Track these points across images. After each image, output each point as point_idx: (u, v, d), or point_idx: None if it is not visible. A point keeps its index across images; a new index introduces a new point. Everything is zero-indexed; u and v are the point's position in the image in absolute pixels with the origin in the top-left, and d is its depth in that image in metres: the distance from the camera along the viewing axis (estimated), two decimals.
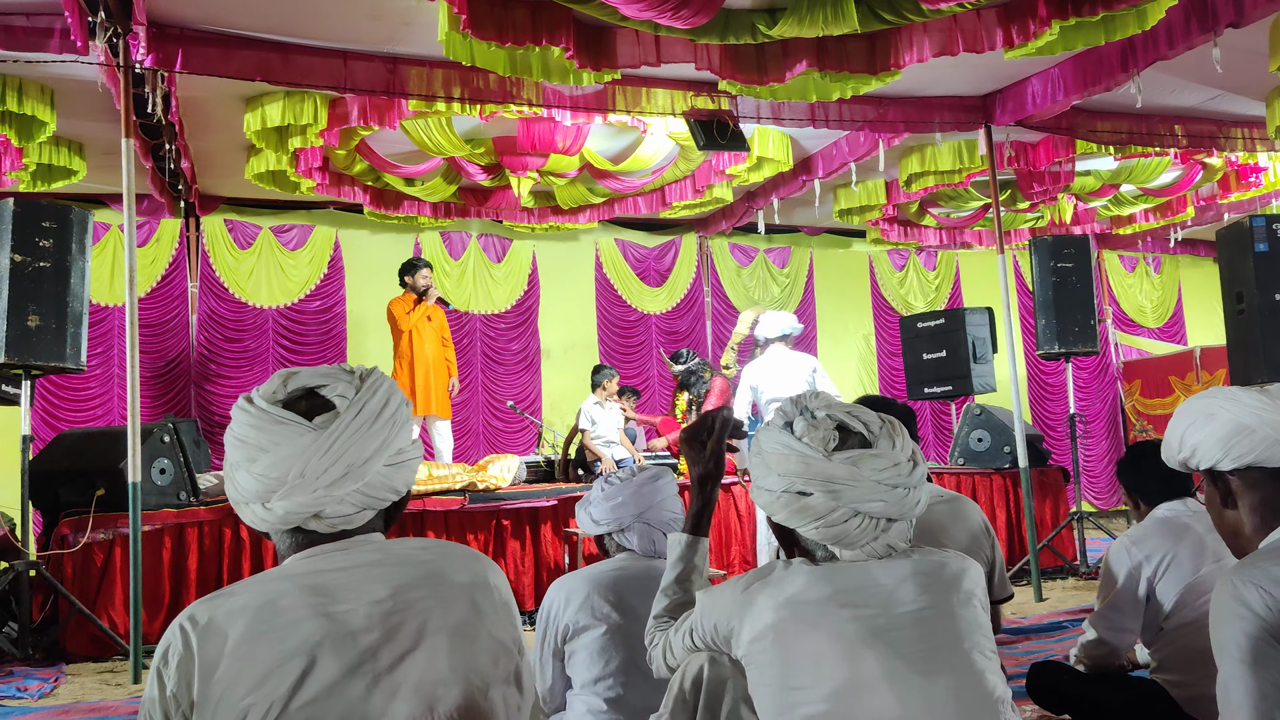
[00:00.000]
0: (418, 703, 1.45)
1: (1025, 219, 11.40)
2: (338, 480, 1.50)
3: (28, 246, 5.34)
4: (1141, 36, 6.05)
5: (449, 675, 1.48)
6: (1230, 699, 1.75)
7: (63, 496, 5.74)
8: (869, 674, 1.72)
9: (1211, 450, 1.96)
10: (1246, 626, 1.73)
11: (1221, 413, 1.94)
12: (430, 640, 1.49)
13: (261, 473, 1.50)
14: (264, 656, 1.41)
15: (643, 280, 11.60)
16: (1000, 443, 8.06)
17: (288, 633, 1.43)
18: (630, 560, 2.99)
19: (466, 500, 6.48)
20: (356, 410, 1.54)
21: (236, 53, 6.07)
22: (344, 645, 1.44)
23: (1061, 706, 3.47)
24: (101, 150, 7.74)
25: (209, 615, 1.44)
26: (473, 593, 1.57)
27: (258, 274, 10.01)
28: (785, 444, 1.88)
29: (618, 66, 6.04)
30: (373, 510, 1.58)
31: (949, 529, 3.44)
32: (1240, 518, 1.95)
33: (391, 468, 1.57)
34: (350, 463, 1.51)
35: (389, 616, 1.48)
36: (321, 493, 1.50)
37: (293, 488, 1.49)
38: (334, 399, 1.56)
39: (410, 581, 1.52)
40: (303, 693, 1.40)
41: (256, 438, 1.51)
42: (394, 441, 1.57)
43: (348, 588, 1.49)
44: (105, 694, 4.82)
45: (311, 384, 1.59)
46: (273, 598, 1.46)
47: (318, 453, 1.49)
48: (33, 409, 5.74)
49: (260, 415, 1.53)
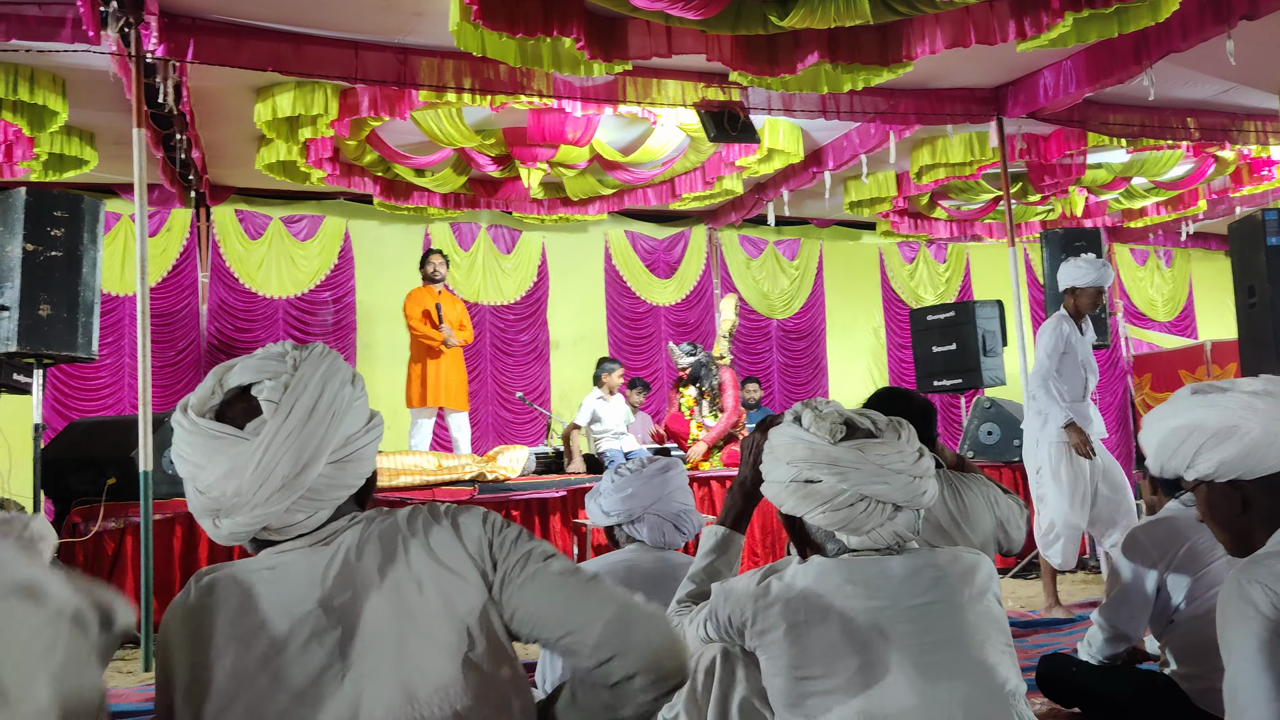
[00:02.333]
0: (394, 693, 1.38)
1: (1036, 212, 11.37)
2: (274, 494, 1.41)
3: (39, 236, 5.35)
4: (1155, 28, 6.02)
5: (425, 660, 1.40)
6: (1237, 699, 1.74)
7: (74, 485, 5.76)
8: (881, 666, 1.73)
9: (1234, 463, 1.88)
10: (1253, 626, 1.72)
11: (1243, 423, 1.89)
12: (396, 626, 1.40)
13: (203, 490, 1.43)
14: (233, 668, 1.38)
15: (652, 272, 11.59)
16: (1010, 436, 8.04)
17: (253, 640, 1.38)
18: (641, 551, 3.00)
19: (476, 491, 6.49)
20: (285, 414, 1.42)
21: (248, 43, 6.08)
22: (310, 645, 1.39)
23: (1071, 699, 3.47)
24: (112, 140, 7.76)
25: (177, 611, 1.42)
26: (421, 550, 1.46)
27: (268, 264, 10.02)
28: (793, 434, 1.91)
29: (629, 57, 6.03)
30: (328, 509, 1.48)
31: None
32: (1254, 523, 1.93)
33: (336, 465, 1.47)
34: (285, 475, 1.41)
35: (347, 611, 1.41)
36: (260, 510, 1.41)
37: (232, 507, 1.42)
38: (262, 403, 1.44)
39: (368, 569, 1.44)
40: (276, 699, 1.36)
41: (191, 454, 1.44)
42: (332, 438, 1.45)
43: (307, 578, 1.43)
44: (117, 681, 4.84)
45: (245, 381, 1.47)
46: (239, 599, 1.41)
47: (249, 467, 1.40)
48: (44, 398, 5.76)
49: (192, 429, 1.44)
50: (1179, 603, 3.09)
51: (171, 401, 8.96)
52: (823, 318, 12.29)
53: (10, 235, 5.34)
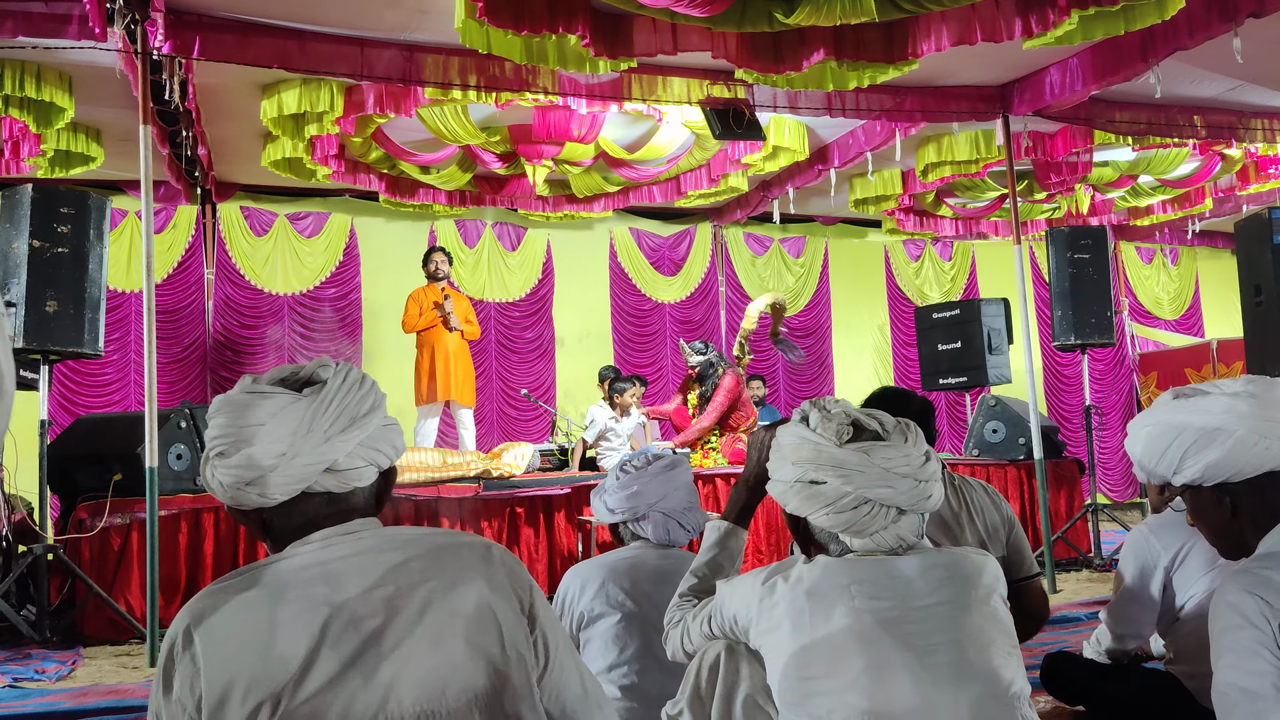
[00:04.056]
0: (427, 686, 1.43)
1: (1042, 210, 11.35)
2: (345, 430, 1.53)
3: (46, 232, 5.36)
4: (1161, 26, 6.00)
5: (457, 658, 1.46)
6: (1225, 705, 1.75)
7: (80, 481, 5.78)
8: (885, 666, 1.73)
9: (1220, 467, 1.88)
10: (1242, 635, 1.73)
11: (1227, 426, 1.87)
12: (434, 621, 1.47)
13: (266, 443, 1.50)
14: (268, 652, 1.39)
15: (657, 269, 11.59)
16: (1015, 434, 8.03)
17: (291, 625, 1.41)
18: (645, 549, 3.00)
19: (481, 488, 6.49)
20: (342, 377, 1.57)
21: (254, 40, 6.08)
22: (347, 633, 1.43)
23: (1075, 698, 3.47)
24: (119, 137, 7.77)
25: (209, 613, 1.43)
26: (476, 571, 1.55)
27: (273, 261, 10.04)
28: (800, 435, 1.90)
29: (634, 55, 6.03)
30: (376, 469, 1.60)
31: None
32: (1243, 525, 1.91)
33: (387, 428, 1.61)
34: (352, 415, 1.54)
35: (391, 601, 1.47)
36: (336, 440, 1.52)
37: (301, 444, 1.50)
38: (315, 374, 1.59)
39: (412, 564, 1.51)
40: (308, 684, 1.38)
41: (253, 415, 1.52)
42: (381, 406, 1.61)
43: (349, 574, 1.48)
44: (122, 677, 4.84)
45: (283, 374, 1.60)
46: (273, 588, 1.45)
47: (321, 409, 1.52)
48: (50, 394, 5.77)
49: (250, 396, 1.54)
50: (1184, 601, 3.09)
51: (176, 398, 9.00)
52: (828, 315, 12.29)
53: (17, 232, 5.35)
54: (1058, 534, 7.48)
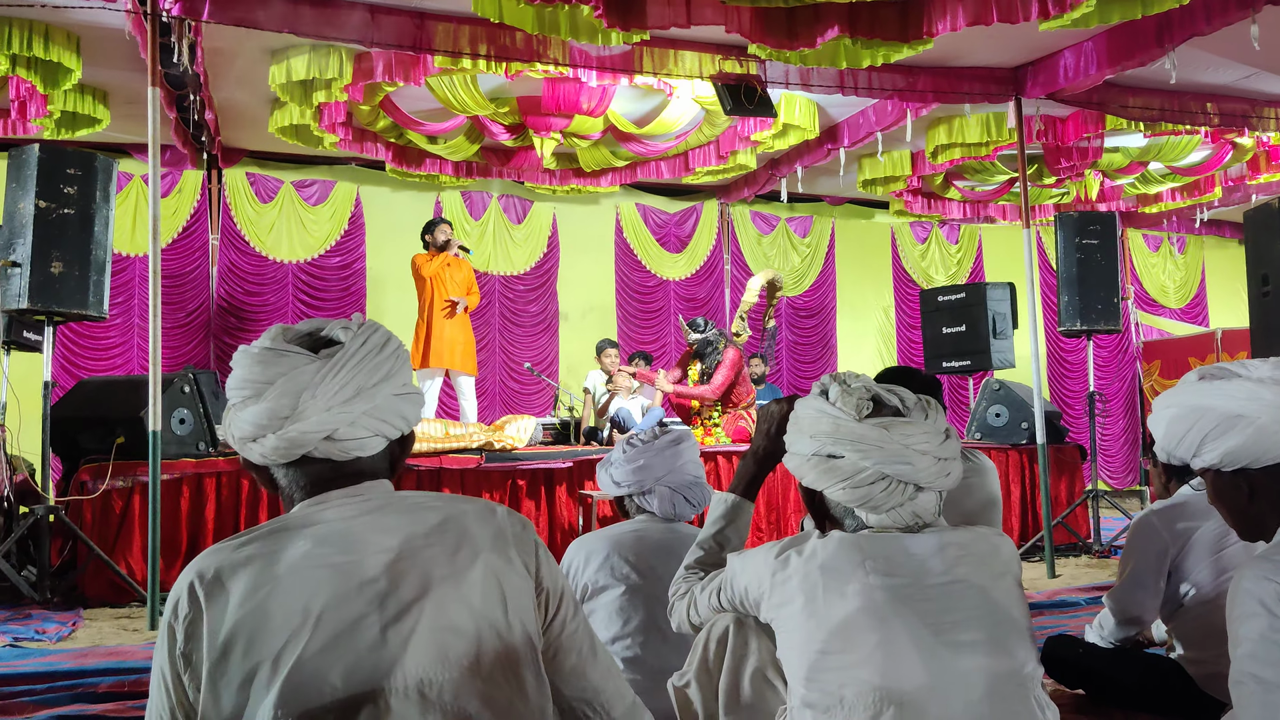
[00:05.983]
0: (429, 651, 1.42)
1: (1050, 194, 11.31)
2: (349, 400, 1.51)
3: (52, 193, 5.33)
4: (1178, 11, 5.95)
5: (460, 622, 1.46)
6: (1241, 693, 1.74)
7: (83, 443, 5.78)
8: (897, 642, 1.72)
9: (1241, 452, 1.85)
10: (1260, 624, 1.72)
11: (1249, 412, 1.83)
12: (439, 588, 1.46)
13: (272, 401, 1.50)
14: (272, 610, 1.39)
15: (663, 246, 11.56)
16: (1018, 419, 8.03)
17: (295, 585, 1.41)
18: (651, 522, 3.00)
19: (483, 459, 6.49)
20: (361, 341, 1.56)
21: (264, 3, 6.01)
22: (351, 596, 1.42)
23: (1076, 680, 3.48)
24: (125, 100, 7.73)
25: (216, 569, 1.43)
26: (481, 534, 1.54)
27: (278, 228, 10.02)
28: (819, 408, 1.89)
29: (647, 27, 5.96)
30: (383, 439, 1.58)
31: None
32: (1263, 509, 1.90)
33: (399, 397, 1.58)
34: (360, 385, 1.52)
35: (395, 564, 1.46)
36: (337, 410, 1.50)
37: (305, 408, 1.49)
38: (335, 334, 1.58)
39: (419, 529, 1.50)
40: (310, 644, 1.38)
41: (264, 372, 1.51)
42: (399, 374, 1.58)
43: (356, 536, 1.47)
44: (123, 639, 4.86)
45: (308, 329, 1.60)
46: (280, 548, 1.45)
47: (329, 375, 1.51)
48: (54, 356, 5.76)
49: (266, 352, 1.53)
50: (1189, 588, 3.09)
51: (179, 363, 9.00)
52: (833, 296, 12.27)
53: (23, 192, 5.33)
54: (1058, 519, 7.49)
